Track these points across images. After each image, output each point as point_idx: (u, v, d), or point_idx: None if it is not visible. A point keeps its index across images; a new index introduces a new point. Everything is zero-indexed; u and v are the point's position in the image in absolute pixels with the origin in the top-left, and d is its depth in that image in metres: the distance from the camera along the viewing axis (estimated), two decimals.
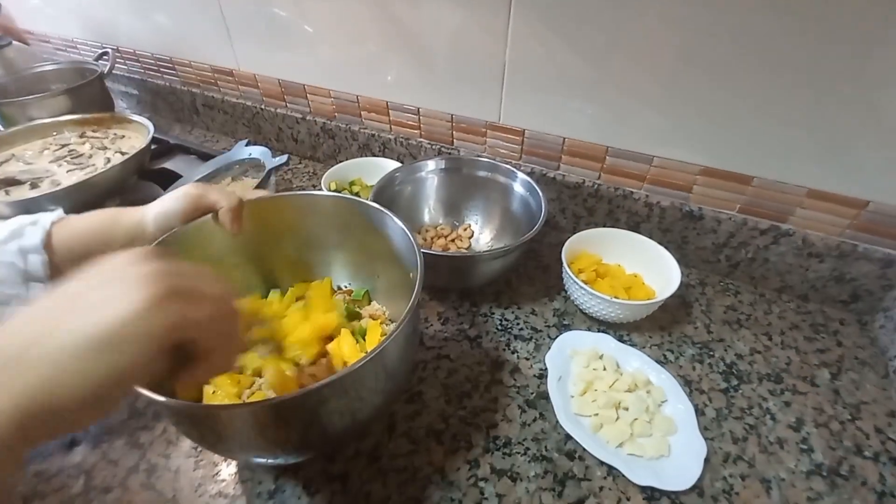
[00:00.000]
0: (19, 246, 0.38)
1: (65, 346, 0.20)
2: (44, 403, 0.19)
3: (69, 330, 0.20)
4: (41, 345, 0.20)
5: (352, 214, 0.49)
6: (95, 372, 0.20)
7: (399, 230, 0.45)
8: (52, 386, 0.19)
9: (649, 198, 0.66)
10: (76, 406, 0.20)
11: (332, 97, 0.85)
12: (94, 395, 0.20)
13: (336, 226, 0.51)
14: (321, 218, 0.50)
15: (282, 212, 0.49)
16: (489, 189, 0.68)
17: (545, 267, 0.69)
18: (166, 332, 0.21)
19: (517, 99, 0.68)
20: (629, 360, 0.54)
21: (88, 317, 0.20)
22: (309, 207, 0.50)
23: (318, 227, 0.51)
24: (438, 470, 0.46)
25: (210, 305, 0.24)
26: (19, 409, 0.19)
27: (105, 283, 0.22)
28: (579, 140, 0.67)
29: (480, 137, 0.74)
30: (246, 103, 0.96)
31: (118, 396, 0.21)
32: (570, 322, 0.61)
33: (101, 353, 0.20)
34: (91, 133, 0.85)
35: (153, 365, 0.22)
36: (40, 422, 0.20)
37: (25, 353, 0.20)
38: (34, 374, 0.19)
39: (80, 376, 0.20)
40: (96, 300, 0.21)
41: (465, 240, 0.71)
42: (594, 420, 0.49)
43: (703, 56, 0.54)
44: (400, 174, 0.66)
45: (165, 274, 0.23)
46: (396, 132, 0.83)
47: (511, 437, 0.49)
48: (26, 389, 0.19)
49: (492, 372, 0.55)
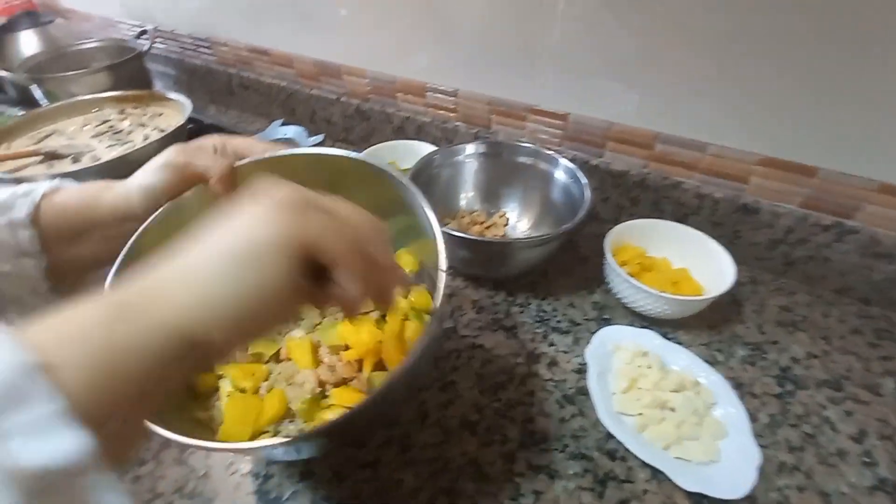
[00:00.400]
0: (9, 219, 0.36)
1: (214, 269, 0.22)
2: (201, 320, 0.21)
3: (216, 252, 0.22)
4: (192, 269, 0.22)
5: (371, 180, 0.42)
6: (244, 288, 0.22)
7: (424, 215, 0.40)
8: (206, 302, 0.21)
9: (700, 189, 0.62)
10: (229, 325, 0.22)
11: (368, 78, 0.83)
12: (245, 312, 0.22)
13: (354, 192, 0.46)
14: (336, 181, 0.43)
15: (292, 173, 0.44)
16: (529, 176, 0.65)
17: (583, 259, 0.66)
18: (305, 245, 0.23)
19: (561, 81, 0.65)
20: (675, 359, 0.51)
21: (232, 237, 0.22)
22: (323, 168, 0.43)
23: (333, 191, 0.46)
24: (472, 462, 0.44)
25: (351, 226, 0.25)
26: (179, 328, 0.21)
27: (244, 208, 0.24)
28: (627, 125, 0.63)
29: (520, 122, 0.71)
30: (281, 84, 0.95)
31: (266, 319, 0.23)
32: (610, 316, 0.58)
33: (245, 269, 0.22)
34: (130, 110, 0.85)
35: (297, 283, 0.23)
36: (198, 342, 0.21)
37: (180, 277, 0.22)
38: (189, 293, 0.21)
39: (231, 291, 0.22)
40: (237, 224, 0.23)
41: (500, 227, 0.68)
42: (638, 419, 0.46)
43: (763, 34, 0.50)
44: (438, 157, 0.64)
45: (301, 194, 0.24)
46: (432, 115, 0.80)
47: (548, 432, 0.47)
48: (183, 309, 0.21)
49: (528, 364, 0.53)
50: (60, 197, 0.38)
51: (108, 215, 0.38)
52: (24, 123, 0.81)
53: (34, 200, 0.37)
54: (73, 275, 0.42)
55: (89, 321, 0.20)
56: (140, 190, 0.38)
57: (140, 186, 0.38)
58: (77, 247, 0.39)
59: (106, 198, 0.38)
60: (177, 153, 0.39)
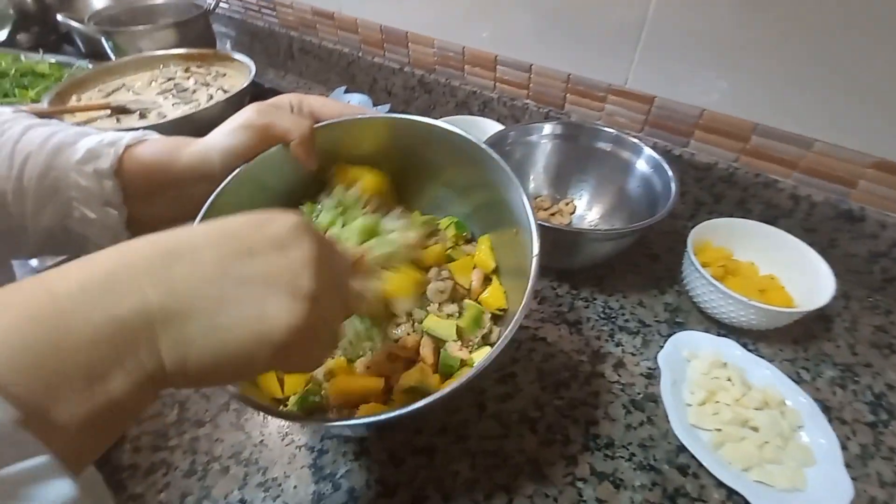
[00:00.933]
0: (95, 168, 0.36)
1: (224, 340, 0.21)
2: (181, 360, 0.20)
3: (224, 327, 0.21)
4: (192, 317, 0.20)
5: (455, 152, 0.40)
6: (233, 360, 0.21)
7: (518, 198, 0.37)
8: (191, 352, 0.20)
9: (797, 189, 0.57)
10: (210, 368, 0.21)
11: (435, 48, 0.80)
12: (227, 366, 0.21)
13: (434, 163, 0.43)
14: (416, 150, 0.42)
15: (373, 137, 0.42)
16: (607, 163, 0.60)
17: (654, 256, 0.62)
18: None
19: (652, 61, 0.59)
20: (758, 374, 0.47)
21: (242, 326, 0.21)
22: (404, 135, 0.41)
23: (413, 158, 0.43)
24: (532, 461, 0.42)
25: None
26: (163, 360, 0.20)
27: (268, 282, 0.22)
28: (721, 114, 0.58)
29: (598, 103, 0.67)
30: (343, 50, 0.92)
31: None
32: (683, 320, 0.54)
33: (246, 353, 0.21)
34: (195, 68, 0.85)
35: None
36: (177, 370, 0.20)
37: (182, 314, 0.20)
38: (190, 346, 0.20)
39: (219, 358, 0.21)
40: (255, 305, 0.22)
41: (566, 215, 0.65)
42: (715, 435, 0.43)
43: (892, 19, 0.44)
44: (513, 134, 0.60)
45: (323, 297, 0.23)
46: (501, 90, 0.76)
47: (614, 438, 0.44)
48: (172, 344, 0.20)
49: (592, 363, 0.50)
50: (141, 151, 0.38)
51: (185, 173, 0.37)
52: (93, 76, 0.82)
53: (118, 152, 0.36)
54: (148, 231, 0.42)
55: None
56: (219, 151, 0.37)
57: (219, 147, 0.37)
58: (153, 204, 0.39)
59: (183, 155, 0.37)
60: (257, 114, 0.37)
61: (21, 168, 0.35)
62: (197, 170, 0.37)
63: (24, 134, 0.36)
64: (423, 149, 0.42)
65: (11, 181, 0.35)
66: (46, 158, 0.35)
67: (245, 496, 0.41)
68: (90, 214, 0.36)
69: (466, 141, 0.38)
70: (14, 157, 0.35)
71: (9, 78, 0.86)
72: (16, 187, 0.35)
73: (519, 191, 0.36)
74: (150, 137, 0.39)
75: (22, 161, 0.35)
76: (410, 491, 0.41)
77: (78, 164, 0.36)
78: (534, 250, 0.33)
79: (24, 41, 1.12)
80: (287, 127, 0.37)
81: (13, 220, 0.36)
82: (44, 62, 0.94)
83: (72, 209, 0.36)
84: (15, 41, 1.10)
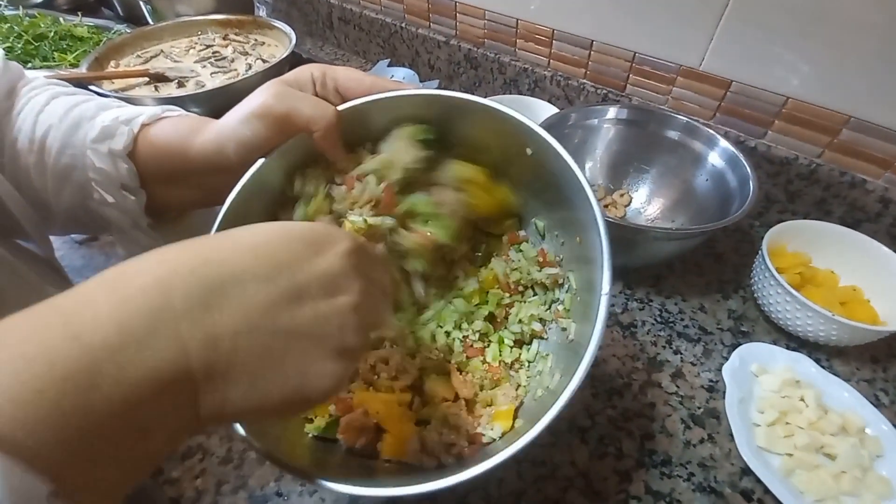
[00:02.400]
0: (109, 148, 0.33)
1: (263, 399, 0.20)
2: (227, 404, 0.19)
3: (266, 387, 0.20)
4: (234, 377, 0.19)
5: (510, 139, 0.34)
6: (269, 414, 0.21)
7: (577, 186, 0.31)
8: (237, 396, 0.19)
9: (889, 192, 0.51)
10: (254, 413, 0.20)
11: (486, 20, 0.74)
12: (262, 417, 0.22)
13: (482, 149, 0.36)
14: (463, 133, 0.36)
15: (411, 117, 0.35)
16: (674, 154, 0.55)
17: (718, 255, 0.57)
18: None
19: (732, 40, 0.53)
20: (835, 395, 0.43)
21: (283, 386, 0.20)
22: (447, 115, 0.35)
23: (457, 146, 0.37)
24: (582, 474, 0.40)
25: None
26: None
27: (314, 337, 0.21)
28: (809, 103, 0.52)
29: (665, 86, 0.61)
30: (385, 20, 0.88)
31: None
32: (749, 329, 0.50)
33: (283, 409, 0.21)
34: (233, 36, 0.82)
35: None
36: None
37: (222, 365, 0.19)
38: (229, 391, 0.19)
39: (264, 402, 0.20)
40: (299, 364, 0.20)
41: (620, 208, 0.60)
42: (786, 461, 0.39)
43: None
44: (574, 115, 0.55)
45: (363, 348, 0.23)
46: (555, 68, 0.71)
47: (671, 455, 0.41)
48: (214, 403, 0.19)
49: (648, 371, 0.47)
50: (156, 133, 0.35)
51: (200, 164, 0.34)
52: (131, 40, 0.80)
53: (133, 130, 0.34)
54: (172, 213, 0.40)
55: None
56: (234, 142, 0.32)
57: (234, 138, 0.32)
58: (173, 190, 0.36)
59: (196, 144, 0.33)
60: (276, 99, 0.32)
61: (42, 142, 0.33)
62: (212, 161, 0.33)
63: (47, 104, 0.34)
64: (470, 130, 0.35)
65: (33, 154, 0.33)
66: (64, 134, 0.33)
67: (281, 489, 0.39)
68: (108, 198, 0.34)
69: (530, 130, 0.32)
70: (36, 128, 0.33)
71: (48, 41, 0.85)
72: (37, 161, 0.33)
73: (586, 194, 0.30)
74: (169, 115, 0.36)
75: (43, 134, 0.33)
76: (454, 496, 0.39)
77: (93, 143, 0.33)
78: (603, 287, 0.28)
79: (62, 2, 1.10)
80: (309, 115, 0.32)
81: (38, 195, 0.34)
82: (82, 25, 0.92)
83: (91, 190, 0.34)
84: (53, 3, 1.09)
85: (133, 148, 0.34)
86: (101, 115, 0.34)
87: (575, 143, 0.57)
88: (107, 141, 0.33)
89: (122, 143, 0.33)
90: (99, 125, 0.34)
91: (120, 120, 0.34)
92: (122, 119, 0.34)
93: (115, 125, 0.34)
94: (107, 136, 0.34)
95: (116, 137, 0.34)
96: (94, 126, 0.34)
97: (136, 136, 0.34)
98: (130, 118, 0.34)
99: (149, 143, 0.35)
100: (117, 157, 0.33)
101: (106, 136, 0.33)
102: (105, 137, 0.33)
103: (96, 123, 0.34)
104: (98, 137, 0.33)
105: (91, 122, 0.34)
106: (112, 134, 0.34)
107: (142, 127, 0.34)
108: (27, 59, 0.80)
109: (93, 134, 0.33)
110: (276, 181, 0.35)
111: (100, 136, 0.33)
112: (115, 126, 0.34)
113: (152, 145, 0.35)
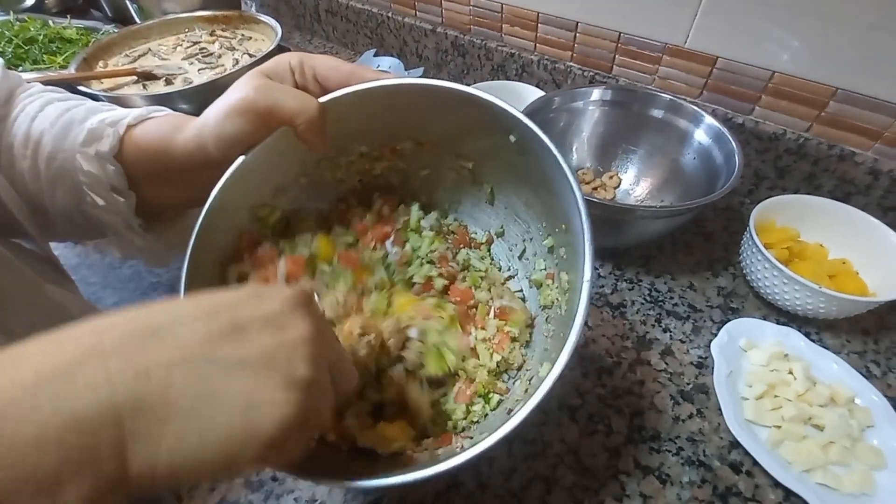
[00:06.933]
0: (96, 151, 0.33)
1: (204, 439, 0.18)
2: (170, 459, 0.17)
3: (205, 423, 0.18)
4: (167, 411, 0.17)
5: (493, 130, 0.34)
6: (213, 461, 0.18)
7: (564, 180, 0.30)
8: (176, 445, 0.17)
9: (878, 163, 0.51)
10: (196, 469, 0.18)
11: (472, 5, 0.74)
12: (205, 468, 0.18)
13: (469, 143, 0.37)
14: (450, 127, 0.36)
15: (403, 106, 0.35)
16: (660, 133, 0.55)
17: (707, 234, 0.57)
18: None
19: (717, 17, 0.53)
20: (823, 367, 0.43)
21: (226, 421, 0.18)
22: (433, 107, 0.34)
23: (432, 133, 0.37)
24: (572, 451, 0.40)
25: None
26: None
27: (258, 368, 0.19)
28: (796, 77, 0.51)
29: (651, 65, 0.60)
30: (371, 10, 0.87)
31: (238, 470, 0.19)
32: (739, 306, 0.50)
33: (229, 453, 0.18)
34: (220, 32, 0.82)
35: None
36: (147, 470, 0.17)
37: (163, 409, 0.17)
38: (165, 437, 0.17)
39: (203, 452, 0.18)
40: (243, 396, 0.18)
41: (609, 190, 0.60)
42: (774, 433, 0.40)
43: None
44: (558, 99, 0.55)
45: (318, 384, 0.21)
46: (542, 52, 0.70)
47: (660, 430, 0.41)
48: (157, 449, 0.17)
49: (637, 349, 0.47)
50: (140, 134, 0.35)
51: (182, 162, 0.34)
52: (119, 40, 0.80)
53: (118, 132, 0.34)
54: (166, 214, 0.40)
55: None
56: (214, 139, 0.32)
57: (215, 135, 0.32)
58: (161, 190, 0.36)
59: (178, 142, 0.33)
60: (256, 92, 0.31)
61: (35, 146, 0.33)
62: (194, 158, 0.33)
63: (41, 109, 0.35)
64: (456, 124, 0.35)
65: (27, 159, 0.34)
66: (55, 138, 0.34)
67: (277, 473, 0.40)
68: (99, 200, 0.34)
69: (514, 118, 0.31)
70: (30, 134, 0.34)
71: (37, 44, 0.86)
72: (31, 165, 0.34)
73: (572, 188, 0.30)
74: (156, 115, 0.36)
75: (37, 139, 0.34)
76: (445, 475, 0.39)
77: (82, 146, 0.34)
78: (585, 274, 0.28)
79: (51, 5, 1.10)
80: (292, 109, 0.31)
81: (34, 199, 0.34)
82: (71, 27, 0.93)
83: (84, 193, 0.34)
84: (43, 6, 1.09)
85: (119, 150, 0.34)
86: (91, 118, 0.35)
87: (560, 126, 0.57)
88: (94, 144, 0.34)
89: (109, 146, 0.34)
90: (86, 128, 0.34)
91: (106, 122, 0.34)
92: (108, 121, 0.35)
93: (101, 128, 0.34)
94: (94, 139, 0.34)
95: (103, 140, 0.34)
96: (82, 129, 0.34)
97: (122, 137, 0.34)
98: (116, 120, 0.35)
99: (134, 145, 0.35)
100: (104, 159, 0.34)
101: (93, 139, 0.34)
102: (92, 140, 0.34)
103: (84, 127, 0.34)
104: (86, 141, 0.34)
105: (81, 126, 0.34)
106: (99, 137, 0.34)
107: (127, 128, 0.35)
108: (17, 62, 0.81)
109: (81, 137, 0.34)
110: (259, 178, 0.35)
111: (87, 140, 0.34)
112: (102, 129, 0.34)
113: (137, 146, 0.35)
